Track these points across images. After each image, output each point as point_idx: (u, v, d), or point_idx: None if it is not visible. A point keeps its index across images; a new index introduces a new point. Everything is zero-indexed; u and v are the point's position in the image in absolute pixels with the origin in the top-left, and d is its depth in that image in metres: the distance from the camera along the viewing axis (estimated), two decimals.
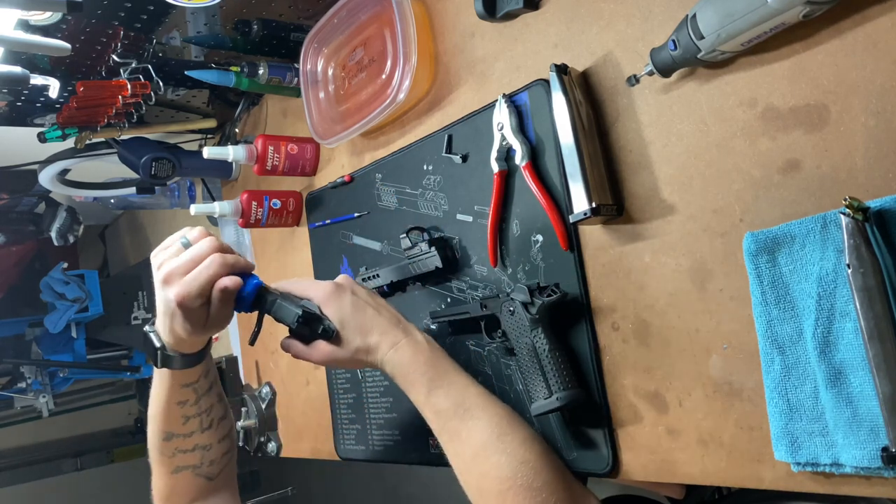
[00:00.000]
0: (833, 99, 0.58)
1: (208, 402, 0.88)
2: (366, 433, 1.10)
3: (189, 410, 0.86)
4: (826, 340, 0.58)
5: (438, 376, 0.78)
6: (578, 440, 0.79)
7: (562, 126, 0.74)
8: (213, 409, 0.89)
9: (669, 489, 1.07)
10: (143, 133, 1.34)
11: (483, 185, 0.88)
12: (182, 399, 0.85)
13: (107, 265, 2.57)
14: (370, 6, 1.02)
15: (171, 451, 0.88)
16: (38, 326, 2.23)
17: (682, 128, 0.69)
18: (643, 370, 0.73)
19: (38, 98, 1.21)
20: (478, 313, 0.86)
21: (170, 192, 1.68)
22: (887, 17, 0.55)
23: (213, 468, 0.92)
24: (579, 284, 0.78)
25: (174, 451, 0.88)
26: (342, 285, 0.84)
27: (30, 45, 0.95)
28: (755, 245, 0.61)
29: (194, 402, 0.86)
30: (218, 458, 0.92)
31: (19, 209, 1.98)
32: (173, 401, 0.85)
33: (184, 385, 0.84)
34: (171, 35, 1.10)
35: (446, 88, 0.96)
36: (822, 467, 0.59)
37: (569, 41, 0.79)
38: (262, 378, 1.42)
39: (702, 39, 0.61)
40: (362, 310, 0.81)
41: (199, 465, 0.90)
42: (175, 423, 0.87)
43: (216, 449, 0.91)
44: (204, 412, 0.88)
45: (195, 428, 0.88)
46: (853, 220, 0.54)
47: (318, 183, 1.22)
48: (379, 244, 1.07)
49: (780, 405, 0.61)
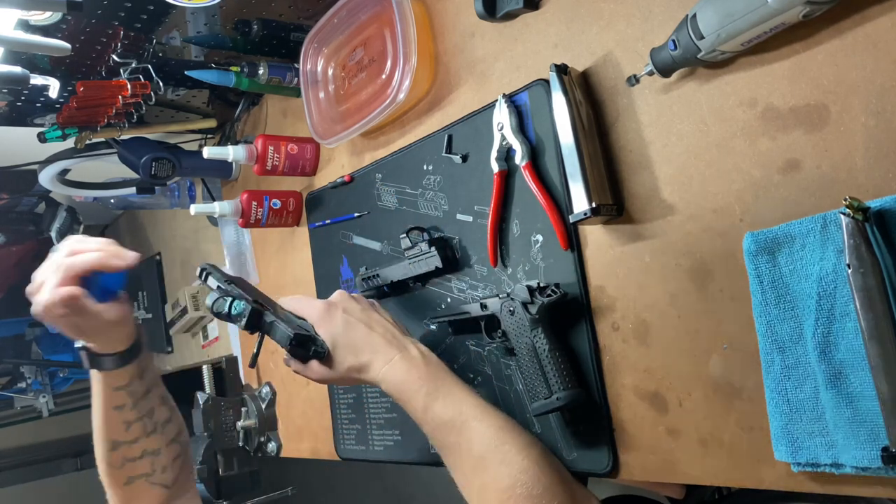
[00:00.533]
0: (833, 99, 0.58)
1: (148, 406, 0.88)
2: (366, 433, 1.10)
3: (128, 415, 0.86)
4: (826, 340, 0.58)
5: (435, 390, 0.77)
6: (578, 440, 0.79)
7: (562, 126, 0.74)
8: (154, 413, 0.89)
9: (669, 489, 1.07)
10: (143, 133, 1.34)
11: (483, 185, 0.88)
12: (118, 403, 0.85)
13: None
14: (370, 6, 1.02)
15: (120, 461, 0.88)
16: (38, 326, 2.23)
17: (682, 128, 0.69)
18: (643, 370, 0.73)
19: (38, 98, 1.21)
20: (478, 313, 0.86)
21: (170, 192, 1.68)
22: (887, 17, 0.55)
23: (167, 475, 0.91)
24: (579, 284, 0.78)
25: (122, 460, 0.88)
26: (334, 304, 0.84)
27: (30, 45, 0.95)
28: (755, 245, 0.61)
29: (132, 406, 0.86)
30: (169, 464, 0.92)
31: (19, 209, 1.98)
32: (109, 405, 0.85)
33: (115, 388, 0.84)
34: (171, 35, 1.10)
35: (446, 88, 0.96)
36: (822, 467, 0.59)
37: (569, 41, 0.79)
38: (262, 378, 1.42)
39: (702, 39, 0.61)
40: (353, 328, 0.81)
41: (152, 472, 0.90)
42: (117, 430, 0.86)
43: (165, 453, 0.91)
44: (145, 415, 0.87)
45: (139, 433, 0.87)
46: (853, 220, 0.54)
47: (318, 183, 1.22)
48: (379, 244, 1.07)
49: (780, 405, 0.61)
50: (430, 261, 0.93)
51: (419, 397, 0.77)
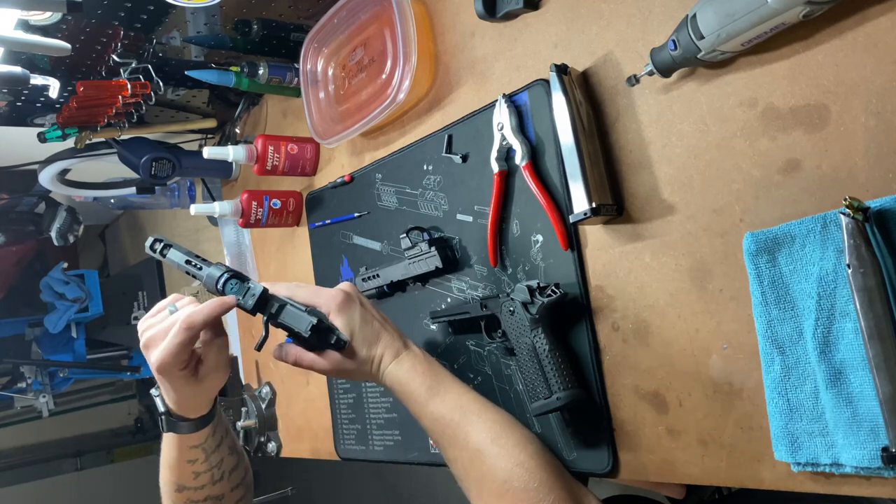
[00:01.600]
0: (833, 99, 0.58)
1: (218, 457, 0.88)
2: (366, 433, 1.10)
3: (199, 467, 0.86)
4: (826, 340, 0.58)
5: (436, 385, 0.79)
6: (578, 440, 0.79)
7: (562, 126, 0.74)
8: (223, 463, 0.89)
9: (669, 489, 1.07)
10: (143, 133, 1.34)
11: (483, 185, 0.88)
12: (191, 458, 0.85)
13: (107, 265, 2.57)
14: (370, 6, 1.02)
15: (184, 501, 0.88)
16: (38, 326, 2.23)
17: (682, 128, 0.69)
18: (643, 370, 0.73)
19: (38, 98, 1.21)
20: (478, 313, 0.86)
21: (170, 192, 1.68)
22: (887, 17, 0.55)
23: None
24: (579, 284, 0.78)
25: (187, 501, 0.88)
26: (351, 296, 0.83)
27: (30, 45, 0.95)
28: (755, 245, 0.61)
29: (204, 461, 0.86)
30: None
31: (19, 209, 1.98)
32: (182, 459, 0.85)
33: (191, 447, 0.84)
34: (171, 35, 1.10)
35: (446, 88, 0.96)
36: (822, 467, 0.59)
37: (569, 41, 0.79)
38: (262, 378, 1.42)
39: (702, 39, 0.61)
40: (370, 322, 0.81)
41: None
42: (186, 478, 0.87)
43: (229, 498, 0.92)
44: (214, 467, 0.88)
45: (206, 482, 0.88)
46: (853, 220, 0.54)
47: (318, 183, 1.22)
48: (379, 244, 1.07)
49: (780, 405, 0.61)
50: (430, 261, 0.93)
51: (421, 392, 0.78)
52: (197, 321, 0.74)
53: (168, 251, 0.82)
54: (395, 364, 0.80)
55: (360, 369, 0.81)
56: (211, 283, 0.79)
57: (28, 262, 2.32)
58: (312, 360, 0.81)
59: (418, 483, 2.75)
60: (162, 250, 0.82)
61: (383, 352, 0.80)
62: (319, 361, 0.81)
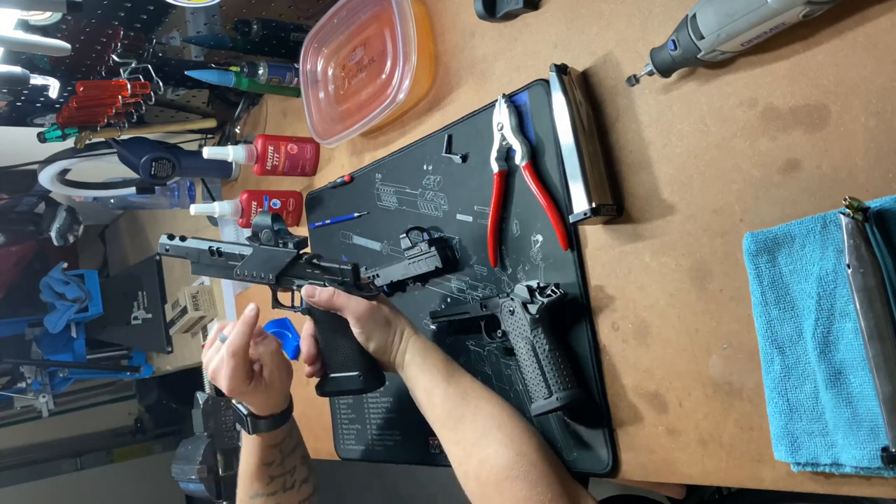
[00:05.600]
0: (833, 99, 0.58)
1: (292, 463, 0.93)
2: (366, 433, 1.10)
3: (274, 471, 0.91)
4: (826, 340, 0.58)
5: (451, 363, 0.83)
6: (578, 440, 0.79)
7: (562, 126, 0.74)
8: (296, 471, 0.93)
9: (669, 489, 1.07)
10: (142, 133, 1.34)
11: (483, 185, 0.88)
12: (270, 459, 0.90)
13: (107, 265, 2.57)
14: (370, 6, 1.02)
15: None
16: (38, 326, 2.23)
17: (682, 128, 0.69)
18: (643, 370, 0.73)
19: (38, 98, 1.21)
20: (478, 313, 0.86)
21: (170, 192, 1.68)
22: (887, 17, 0.55)
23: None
24: (579, 284, 0.78)
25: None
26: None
27: (30, 45, 0.95)
28: (755, 245, 0.61)
29: (280, 462, 0.91)
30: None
31: (19, 209, 1.98)
32: (262, 462, 0.89)
33: (272, 446, 0.89)
34: (171, 35, 1.10)
35: (446, 88, 0.96)
36: (822, 467, 0.59)
37: (569, 41, 0.79)
38: None
39: (702, 39, 0.61)
40: (388, 303, 0.88)
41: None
42: (260, 482, 0.91)
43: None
44: (287, 472, 0.92)
45: (278, 488, 0.91)
46: (853, 220, 0.54)
47: (318, 183, 1.22)
48: (379, 244, 1.07)
49: (780, 405, 0.61)
50: (429, 261, 0.93)
51: (441, 367, 0.82)
52: (238, 346, 0.82)
53: None
54: (416, 337, 0.84)
55: (386, 328, 0.83)
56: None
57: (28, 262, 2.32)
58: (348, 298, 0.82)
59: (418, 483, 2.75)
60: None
61: (405, 326, 0.85)
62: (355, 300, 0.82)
